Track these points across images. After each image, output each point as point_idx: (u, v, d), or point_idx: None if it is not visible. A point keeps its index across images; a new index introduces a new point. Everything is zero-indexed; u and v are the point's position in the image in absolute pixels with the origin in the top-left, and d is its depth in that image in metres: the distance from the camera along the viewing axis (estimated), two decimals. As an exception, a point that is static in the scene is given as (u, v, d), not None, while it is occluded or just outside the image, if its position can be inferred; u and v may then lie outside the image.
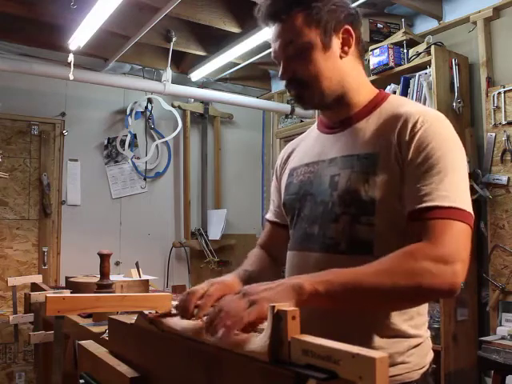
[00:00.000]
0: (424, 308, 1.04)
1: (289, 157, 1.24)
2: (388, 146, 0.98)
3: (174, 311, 0.91)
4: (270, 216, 1.31)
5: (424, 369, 1.01)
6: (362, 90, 1.09)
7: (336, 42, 1.05)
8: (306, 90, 1.05)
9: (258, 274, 1.16)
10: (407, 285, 0.83)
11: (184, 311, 0.88)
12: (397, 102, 1.06)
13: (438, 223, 0.88)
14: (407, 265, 0.85)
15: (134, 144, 4.21)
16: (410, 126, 0.96)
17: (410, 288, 0.84)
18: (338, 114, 1.10)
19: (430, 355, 1.05)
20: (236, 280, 1.09)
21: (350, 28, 1.05)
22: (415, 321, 1.00)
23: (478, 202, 2.80)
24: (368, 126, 1.04)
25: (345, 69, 1.06)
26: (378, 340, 0.97)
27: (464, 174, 0.95)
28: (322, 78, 1.03)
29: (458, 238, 0.88)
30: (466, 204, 0.91)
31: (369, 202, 0.97)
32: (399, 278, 0.83)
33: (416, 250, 0.87)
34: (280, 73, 1.07)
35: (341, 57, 1.05)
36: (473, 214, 0.92)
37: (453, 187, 0.91)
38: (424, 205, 0.90)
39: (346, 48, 1.06)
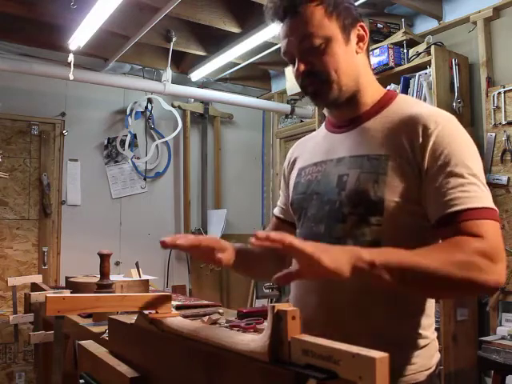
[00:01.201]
0: (431, 309, 1.03)
1: (297, 157, 1.24)
2: (398, 147, 0.97)
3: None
4: (276, 211, 1.31)
5: (430, 370, 1.00)
6: (370, 88, 1.09)
7: (353, 38, 1.05)
8: (325, 84, 1.03)
9: (257, 255, 1.17)
10: (460, 276, 0.83)
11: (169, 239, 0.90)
12: (405, 103, 1.06)
13: (476, 223, 0.88)
14: (458, 256, 0.84)
15: (134, 144, 4.21)
16: (421, 128, 0.96)
17: (462, 280, 0.83)
18: (347, 113, 1.09)
19: (437, 356, 1.04)
20: (231, 245, 1.09)
21: (363, 24, 1.07)
22: (422, 322, 1.00)
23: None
24: (376, 125, 1.04)
25: (360, 66, 1.07)
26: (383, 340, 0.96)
27: (482, 173, 0.95)
28: (340, 73, 1.03)
29: (497, 237, 0.88)
30: (492, 203, 0.92)
31: (377, 203, 0.96)
32: (453, 268, 0.83)
33: (464, 242, 0.86)
34: (296, 68, 1.05)
35: (357, 52, 1.06)
36: None
37: (477, 188, 0.91)
38: (456, 208, 0.89)
39: (361, 44, 1.06)
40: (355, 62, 1.05)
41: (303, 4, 1.02)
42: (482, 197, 0.90)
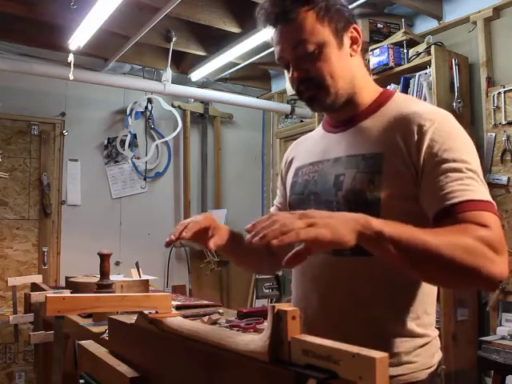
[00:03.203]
0: (431, 307, 1.03)
1: (294, 156, 1.24)
2: (394, 145, 0.97)
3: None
4: (272, 210, 1.32)
5: (431, 369, 1.00)
6: (367, 89, 1.08)
7: (346, 41, 1.04)
8: (321, 90, 1.03)
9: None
10: (467, 262, 0.80)
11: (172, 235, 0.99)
12: (402, 102, 1.05)
13: (475, 214, 0.86)
14: (466, 241, 0.82)
15: (134, 144, 4.21)
16: (416, 126, 0.95)
17: (469, 266, 0.81)
18: (344, 114, 1.09)
19: (438, 355, 1.04)
20: (226, 226, 1.15)
21: (357, 26, 1.06)
22: (422, 320, 1.00)
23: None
24: (372, 125, 1.04)
25: (355, 68, 1.06)
26: (384, 339, 0.96)
27: (480, 169, 0.94)
28: (336, 77, 1.02)
29: (500, 229, 0.87)
30: (490, 198, 0.91)
31: (374, 202, 0.96)
32: (460, 252, 0.80)
33: (470, 229, 0.84)
34: (291, 75, 1.04)
35: (351, 55, 1.05)
36: None
37: (475, 182, 0.90)
38: (455, 200, 0.88)
39: (354, 46, 1.06)
40: (350, 65, 1.05)
41: (294, 10, 1.00)
42: (480, 191, 0.90)
